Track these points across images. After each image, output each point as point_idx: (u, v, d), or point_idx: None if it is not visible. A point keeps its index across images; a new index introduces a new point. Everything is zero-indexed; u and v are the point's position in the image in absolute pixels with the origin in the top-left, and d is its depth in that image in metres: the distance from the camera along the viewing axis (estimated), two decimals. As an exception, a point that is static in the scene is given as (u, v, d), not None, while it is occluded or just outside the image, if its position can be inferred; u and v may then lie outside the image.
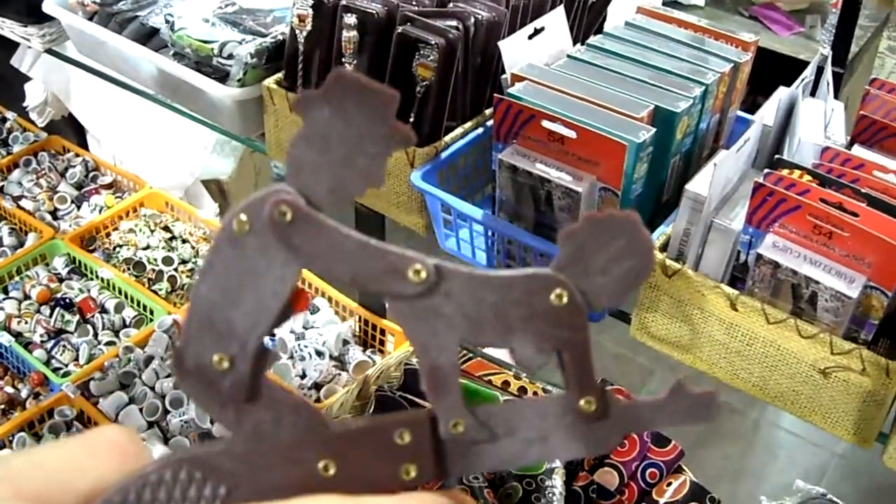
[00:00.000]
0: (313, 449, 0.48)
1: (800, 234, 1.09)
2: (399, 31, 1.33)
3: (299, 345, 1.96)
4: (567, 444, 0.50)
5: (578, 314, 0.47)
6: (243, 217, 0.46)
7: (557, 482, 1.56)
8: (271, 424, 0.48)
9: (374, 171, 0.48)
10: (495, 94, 1.22)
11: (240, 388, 0.47)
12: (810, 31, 2.82)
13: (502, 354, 1.84)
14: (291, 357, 1.95)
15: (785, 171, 1.13)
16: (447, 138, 1.36)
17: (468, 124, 1.39)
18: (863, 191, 1.11)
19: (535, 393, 1.74)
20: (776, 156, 1.18)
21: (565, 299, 0.47)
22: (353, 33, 1.35)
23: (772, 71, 1.42)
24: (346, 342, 1.99)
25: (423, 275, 0.46)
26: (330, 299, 2.08)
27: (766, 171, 1.13)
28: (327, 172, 0.47)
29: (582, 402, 0.48)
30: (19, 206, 2.35)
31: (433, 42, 1.30)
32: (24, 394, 1.94)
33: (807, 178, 1.13)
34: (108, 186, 2.42)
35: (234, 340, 0.47)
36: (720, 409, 0.49)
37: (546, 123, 1.18)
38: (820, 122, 1.27)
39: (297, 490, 0.49)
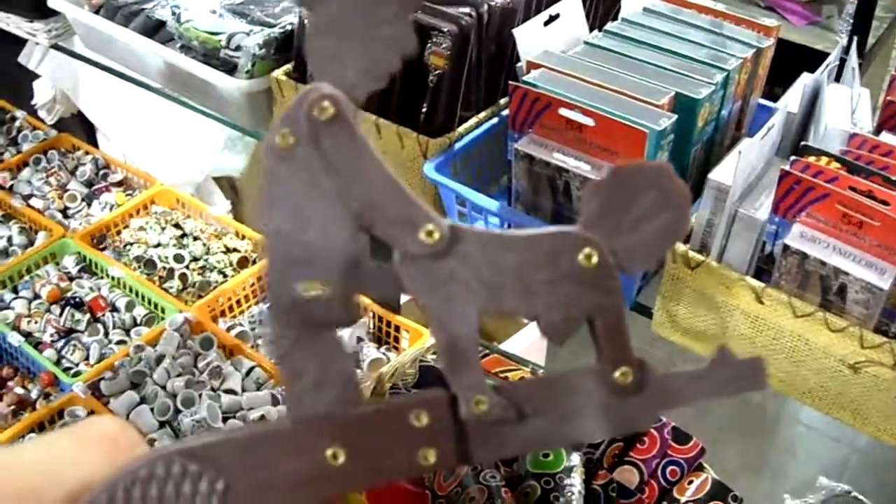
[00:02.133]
0: (323, 434, 0.45)
1: (828, 223, 1.05)
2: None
3: (313, 342, 1.93)
4: (601, 423, 0.46)
5: (610, 276, 0.43)
6: (285, 129, 0.43)
7: (577, 480, 1.53)
8: (312, 383, 0.45)
9: (402, 36, 0.43)
10: (510, 82, 1.19)
11: (332, 309, 0.44)
12: (827, 21, 2.78)
13: (520, 351, 1.80)
14: (304, 355, 1.92)
15: (812, 159, 1.10)
16: (461, 128, 1.32)
17: (483, 114, 1.36)
18: (893, 178, 1.07)
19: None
20: (802, 142, 1.14)
21: (595, 259, 0.43)
22: (364, 22, 1.32)
23: (788, 61, 1.38)
24: (360, 339, 1.95)
25: (437, 236, 0.43)
26: (343, 296, 2.05)
27: (793, 158, 1.09)
28: (354, 54, 0.43)
29: (617, 374, 0.44)
30: (29, 205, 2.32)
31: (446, 29, 1.26)
32: (34, 394, 1.91)
33: (834, 165, 1.09)
34: (119, 184, 2.40)
35: (320, 265, 0.44)
36: (767, 376, 0.45)
37: (563, 111, 1.14)
38: (847, 108, 1.23)
39: (302, 483, 0.45)
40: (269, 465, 0.45)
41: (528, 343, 2.26)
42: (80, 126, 2.75)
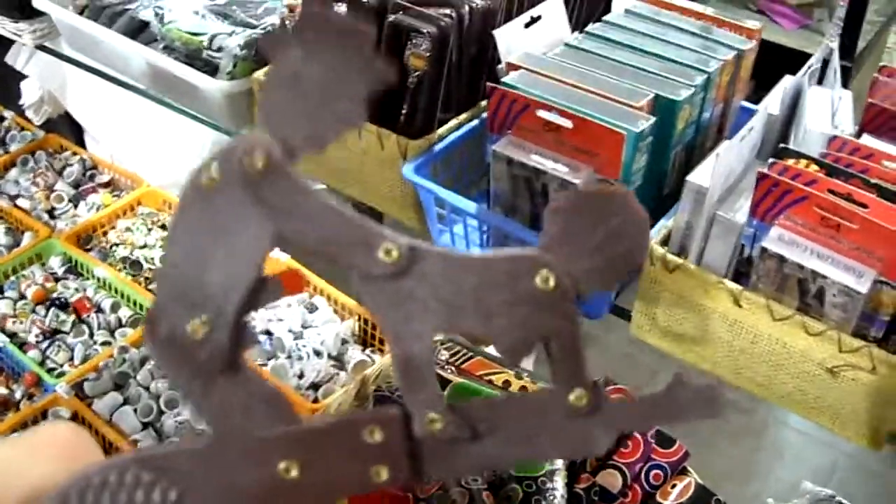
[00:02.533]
0: (276, 447, 0.45)
1: (806, 226, 1.05)
2: (390, 19, 1.28)
3: (297, 344, 1.92)
4: (555, 444, 0.46)
5: (567, 299, 0.43)
6: (213, 168, 0.42)
7: (559, 484, 1.52)
8: (240, 409, 0.45)
9: (353, 112, 0.43)
10: (489, 84, 1.18)
11: (216, 356, 0.44)
12: (818, 24, 2.79)
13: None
14: (289, 357, 1.92)
15: (791, 161, 1.09)
16: (441, 130, 1.32)
17: (462, 116, 1.35)
18: (872, 181, 1.06)
19: (523, 388, 1.70)
20: (781, 144, 1.14)
21: (552, 283, 0.43)
22: (344, 23, 1.31)
23: (779, 65, 1.38)
24: (344, 341, 1.95)
25: (395, 254, 0.42)
26: (329, 298, 2.04)
27: (771, 160, 1.08)
28: (303, 117, 0.43)
29: (572, 397, 0.44)
30: (16, 205, 2.31)
31: (425, 31, 1.26)
32: (18, 395, 1.91)
33: (813, 167, 1.09)
34: (106, 185, 2.39)
35: (209, 305, 0.43)
36: (725, 403, 0.45)
37: (541, 113, 1.14)
38: (827, 111, 1.22)
39: (256, 495, 0.45)
40: (223, 476, 0.44)
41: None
42: (67, 127, 2.75)
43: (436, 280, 0.43)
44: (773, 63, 1.37)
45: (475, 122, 1.35)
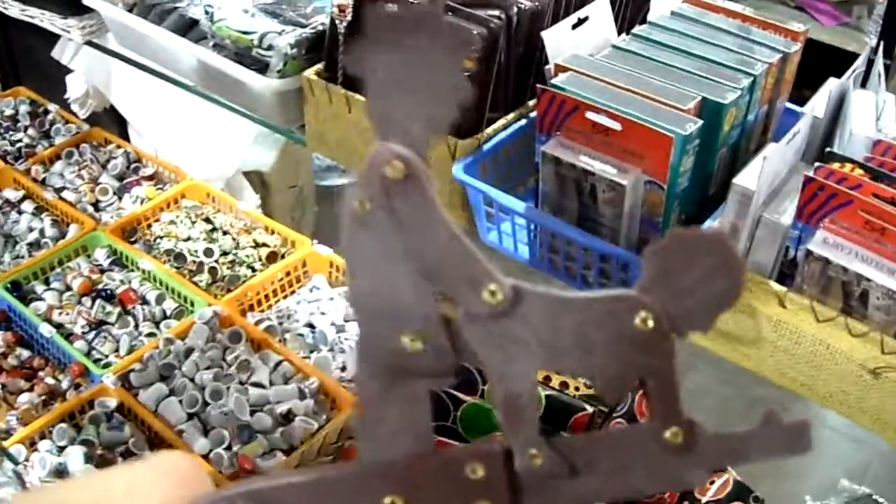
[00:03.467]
0: (383, 481, 0.46)
1: (851, 230, 1.06)
2: (441, 21, 1.30)
3: (340, 337, 1.94)
4: (650, 480, 0.47)
5: (665, 339, 0.44)
6: (362, 194, 0.44)
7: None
8: (390, 432, 0.46)
9: (458, 84, 0.45)
10: (538, 85, 1.20)
11: (433, 361, 0.45)
12: (857, 21, 2.77)
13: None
14: (332, 350, 1.94)
15: (836, 165, 1.10)
16: (489, 130, 1.34)
17: (510, 116, 1.37)
18: (916, 185, 1.08)
19: (576, 388, 1.71)
20: (827, 149, 1.15)
21: (651, 323, 0.44)
22: (395, 24, 1.33)
23: (816, 62, 1.39)
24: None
25: (499, 297, 0.44)
26: (370, 292, 2.06)
27: (817, 164, 1.10)
28: (416, 109, 0.44)
29: (667, 434, 0.46)
30: (61, 198, 2.35)
31: (475, 32, 1.28)
32: (64, 385, 1.94)
33: (858, 171, 1.10)
34: (150, 178, 2.42)
35: (415, 319, 0.45)
36: (813, 440, 0.46)
37: (590, 115, 1.16)
38: (871, 114, 1.23)
39: None
40: None
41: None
42: (112, 120, 2.78)
43: (538, 321, 0.44)
44: (812, 60, 1.38)
45: (523, 121, 1.37)
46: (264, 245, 2.18)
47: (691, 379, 2.87)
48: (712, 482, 1.58)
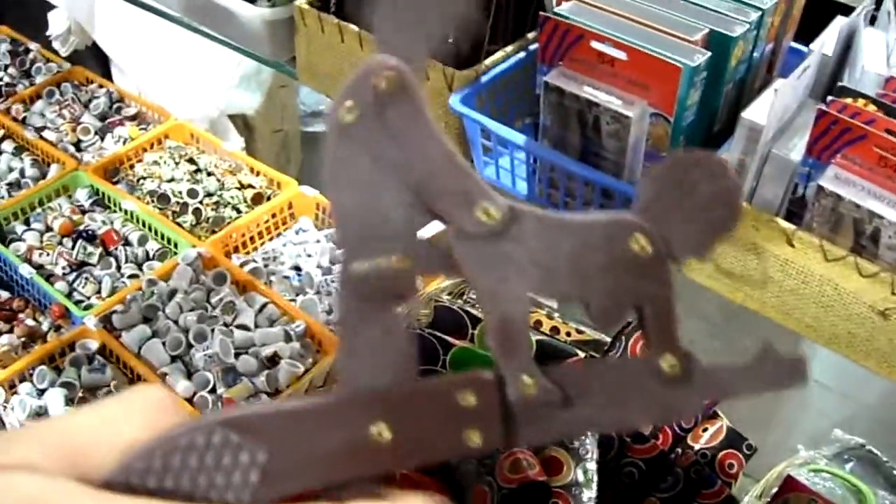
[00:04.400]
0: (370, 409, 0.44)
1: (864, 166, 1.03)
2: (438, -54, 1.26)
3: (326, 280, 1.92)
4: (645, 410, 0.46)
5: (662, 264, 0.44)
6: (349, 103, 0.42)
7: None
8: (371, 356, 0.44)
9: (460, 4, 0.44)
10: (541, 13, 1.16)
11: (400, 282, 0.44)
12: (855, -29, 2.74)
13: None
14: (318, 292, 1.91)
15: (849, 100, 1.07)
16: (488, 61, 1.30)
17: (510, 47, 1.33)
18: (930, 122, 1.04)
19: (567, 333, 1.69)
20: (839, 83, 1.12)
21: (649, 248, 0.43)
22: (391, -50, 1.29)
23: (817, 9, 1.35)
24: (375, 279, 1.94)
25: (494, 216, 0.42)
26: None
27: (830, 98, 1.06)
28: (416, 24, 0.43)
29: (664, 364, 0.45)
30: (42, 137, 2.30)
31: (475, -42, 1.23)
32: (45, 326, 1.91)
33: (871, 107, 1.07)
34: (133, 118, 2.38)
35: (388, 237, 0.43)
36: (809, 374, 0.45)
37: (595, 44, 1.12)
38: (882, 52, 1.20)
39: (345, 458, 0.44)
40: (312, 439, 0.44)
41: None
42: (94, 58, 2.73)
43: (533, 242, 0.43)
44: (810, 4, 1.34)
45: (522, 53, 1.33)
46: (249, 186, 2.15)
47: (680, 335, 2.86)
48: (705, 429, 1.57)
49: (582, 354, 1.53)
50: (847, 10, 1.25)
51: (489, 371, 0.44)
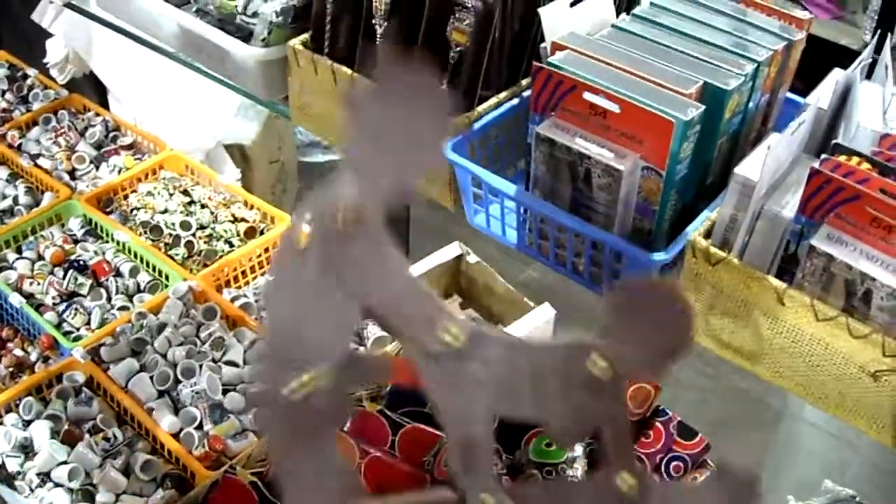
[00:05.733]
0: None
1: (857, 226, 1.02)
2: (435, -9, 1.26)
3: (317, 318, 1.90)
4: None
5: (619, 386, 0.45)
6: (307, 229, 0.44)
7: (579, 472, 1.50)
8: (312, 478, 0.45)
9: (434, 160, 0.46)
10: (534, 63, 1.15)
11: (318, 412, 0.44)
12: (851, 16, 2.75)
13: (527, 333, 1.77)
14: (309, 331, 1.90)
15: (843, 158, 1.06)
16: (480, 108, 1.29)
17: (503, 94, 1.33)
18: (925, 182, 1.03)
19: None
20: (833, 140, 1.11)
21: (607, 370, 0.45)
22: (386, -6, 1.29)
23: (811, 56, 1.35)
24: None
25: (459, 336, 0.44)
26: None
27: (824, 156, 1.05)
28: (387, 168, 0.44)
29: (621, 484, 0.46)
30: (37, 165, 2.29)
31: (470, 5, 1.23)
32: (33, 357, 1.89)
33: (865, 165, 1.06)
34: (128, 147, 2.37)
35: (311, 363, 0.44)
36: (761, 497, 0.47)
37: (588, 96, 1.11)
38: (878, 108, 1.19)
39: None
40: None
41: (533, 326, 2.23)
42: (91, 87, 2.72)
43: (496, 364, 0.45)
44: (806, 53, 1.34)
45: (515, 101, 1.32)
46: (243, 220, 2.13)
47: (677, 382, 2.85)
48: (694, 478, 1.55)
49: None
50: (844, 56, 1.24)
51: (450, 490, 0.45)
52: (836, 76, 1.21)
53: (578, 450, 1.50)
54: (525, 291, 1.77)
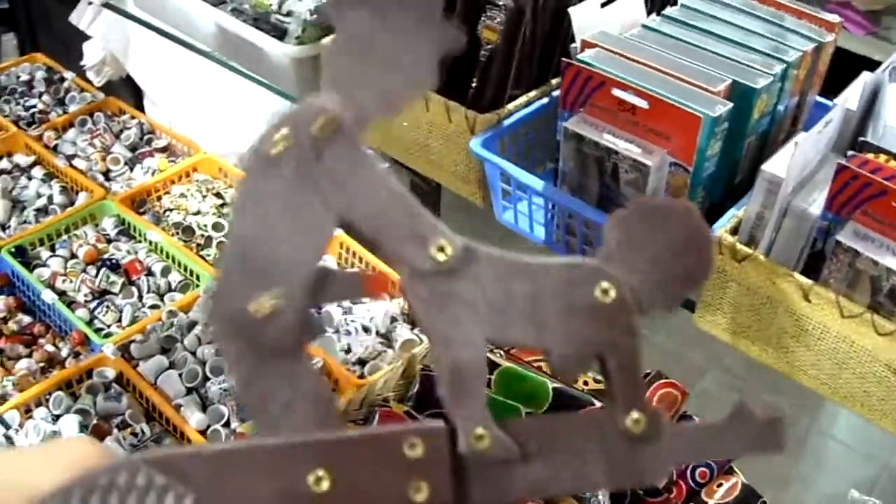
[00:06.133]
0: (308, 454, 0.42)
1: (884, 222, 1.02)
2: (466, -10, 1.27)
3: (346, 319, 1.91)
4: (607, 472, 0.44)
5: (627, 313, 0.42)
6: (283, 132, 0.41)
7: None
8: (282, 403, 0.42)
9: (424, 72, 0.42)
10: (564, 59, 1.16)
11: (277, 338, 0.41)
12: (885, 32, 2.74)
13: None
14: (337, 331, 1.91)
15: (870, 155, 1.06)
16: (510, 106, 1.30)
17: (533, 93, 1.33)
18: (952, 180, 1.03)
19: (584, 382, 1.67)
20: (860, 138, 1.11)
21: (612, 294, 0.41)
22: (418, -8, 1.30)
23: (845, 70, 1.35)
24: (394, 319, 1.93)
25: (449, 251, 0.41)
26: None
27: (851, 153, 1.06)
28: (372, 78, 0.42)
29: (628, 421, 0.43)
30: (72, 166, 2.32)
31: (501, 3, 1.24)
32: (64, 353, 1.91)
33: (893, 163, 1.06)
34: (163, 150, 2.39)
35: (276, 282, 0.41)
36: (788, 438, 0.44)
37: (617, 92, 1.12)
38: (906, 109, 1.19)
39: None
40: (244, 486, 0.42)
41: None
42: (127, 90, 2.75)
43: (489, 283, 0.41)
44: (840, 67, 1.34)
45: (545, 99, 1.33)
46: (274, 222, 2.15)
47: (700, 386, 2.84)
48: (720, 485, 1.54)
49: (599, 404, 1.52)
50: (874, 65, 1.25)
51: (440, 422, 0.42)
52: (865, 78, 1.21)
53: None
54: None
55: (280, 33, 1.48)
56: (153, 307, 1.98)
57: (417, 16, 0.41)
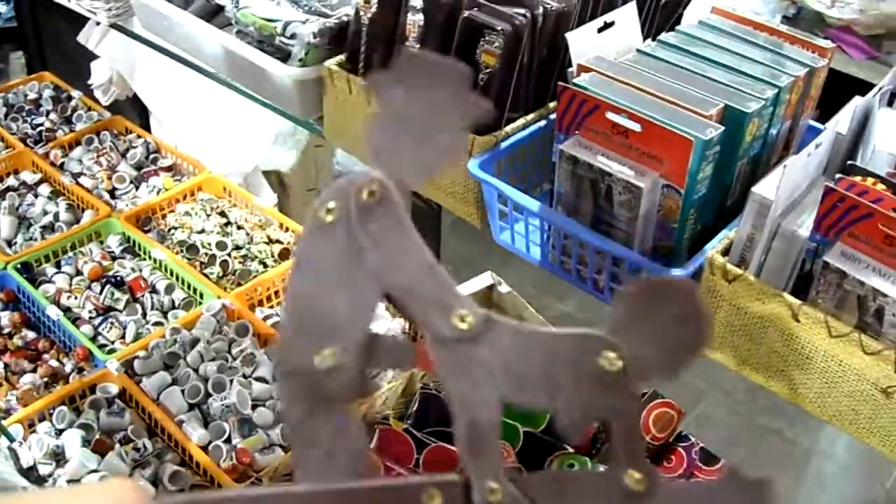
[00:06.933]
0: (338, 502, 0.45)
1: (870, 243, 1.04)
2: (465, 15, 1.29)
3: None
4: None
5: (630, 382, 0.45)
6: (332, 204, 0.45)
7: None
8: (325, 449, 0.45)
9: (455, 143, 0.46)
10: (559, 83, 1.18)
11: (343, 386, 0.45)
12: (886, 56, 2.76)
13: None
14: (338, 349, 1.93)
15: (857, 178, 1.09)
16: (508, 128, 1.32)
17: (530, 116, 1.36)
18: (939, 204, 1.06)
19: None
20: (849, 162, 1.13)
21: (617, 364, 0.44)
22: (418, 16, 1.32)
23: (845, 93, 1.37)
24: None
25: (470, 320, 0.44)
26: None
27: (839, 175, 1.08)
28: (410, 149, 0.46)
29: (629, 480, 0.46)
30: (78, 183, 2.35)
31: (499, 28, 1.26)
32: (68, 368, 1.94)
33: (880, 186, 1.08)
34: (168, 169, 2.42)
35: (337, 336, 0.45)
36: (777, 500, 0.46)
37: (611, 115, 1.14)
38: (896, 132, 1.21)
39: None
40: None
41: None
42: (134, 109, 2.78)
43: (506, 351, 0.45)
44: (840, 91, 1.36)
45: (542, 122, 1.35)
46: (277, 242, 2.18)
47: (700, 408, 2.85)
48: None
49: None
50: (868, 89, 1.27)
51: (456, 474, 0.45)
52: (856, 102, 1.23)
53: (600, 469, 1.52)
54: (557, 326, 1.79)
55: (284, 55, 1.51)
56: (157, 324, 2.01)
57: (449, 93, 0.44)
